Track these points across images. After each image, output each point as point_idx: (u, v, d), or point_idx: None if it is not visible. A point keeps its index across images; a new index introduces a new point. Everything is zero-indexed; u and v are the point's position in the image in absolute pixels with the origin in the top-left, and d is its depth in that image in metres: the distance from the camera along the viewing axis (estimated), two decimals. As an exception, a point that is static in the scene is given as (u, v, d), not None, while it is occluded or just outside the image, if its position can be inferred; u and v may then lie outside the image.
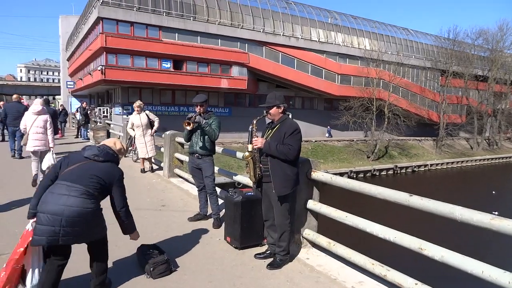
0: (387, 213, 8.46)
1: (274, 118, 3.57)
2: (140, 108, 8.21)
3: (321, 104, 35.36)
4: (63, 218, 2.54)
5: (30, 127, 6.59)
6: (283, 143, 3.38)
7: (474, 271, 2.31)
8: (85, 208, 2.62)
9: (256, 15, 29.16)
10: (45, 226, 2.54)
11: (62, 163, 2.88)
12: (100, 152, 2.90)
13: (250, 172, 3.59)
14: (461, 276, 2.87)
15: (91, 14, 25.86)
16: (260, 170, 3.55)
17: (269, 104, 3.54)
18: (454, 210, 2.42)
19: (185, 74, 26.46)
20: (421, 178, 29.09)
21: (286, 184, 3.42)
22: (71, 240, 2.63)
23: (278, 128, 3.50)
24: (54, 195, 2.62)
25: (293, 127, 3.45)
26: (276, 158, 3.40)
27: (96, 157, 2.86)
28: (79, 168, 2.78)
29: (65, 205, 2.57)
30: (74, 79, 37.63)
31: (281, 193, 3.42)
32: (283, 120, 3.54)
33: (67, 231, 2.56)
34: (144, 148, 8.17)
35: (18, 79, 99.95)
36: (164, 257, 3.37)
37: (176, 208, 5.65)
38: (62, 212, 2.54)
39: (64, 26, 42.85)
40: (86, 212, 2.63)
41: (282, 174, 3.41)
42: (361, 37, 34.70)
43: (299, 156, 3.54)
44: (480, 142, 39.52)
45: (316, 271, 3.48)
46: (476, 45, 39.62)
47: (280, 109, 3.54)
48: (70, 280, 3.11)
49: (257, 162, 3.54)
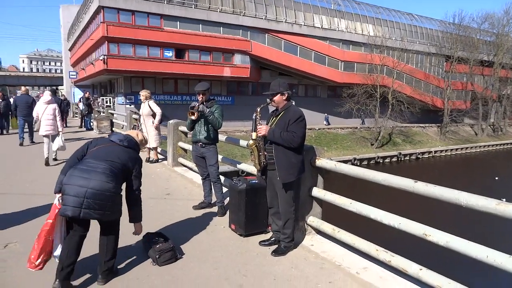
0: (388, 201, 8.46)
1: (278, 105, 3.55)
2: (144, 97, 8.20)
3: (325, 91, 35.14)
4: (88, 189, 2.74)
5: (42, 114, 7.81)
6: (287, 130, 3.37)
7: (479, 256, 2.31)
8: (108, 183, 2.82)
9: (258, 2, 28.80)
10: (71, 196, 2.75)
11: (90, 145, 3.13)
12: (125, 139, 3.18)
13: (255, 160, 3.58)
14: (465, 261, 2.87)
15: (92, 3, 25.63)
16: (264, 157, 3.54)
17: (273, 91, 3.52)
18: (460, 196, 2.41)
19: (187, 62, 26.33)
20: (425, 165, 29.03)
21: (291, 171, 3.42)
22: (91, 214, 2.78)
23: (282, 115, 3.48)
24: (81, 170, 2.85)
25: (297, 114, 3.43)
26: (281, 146, 3.38)
27: (121, 142, 3.13)
28: (105, 149, 3.06)
29: (90, 178, 2.77)
30: (77, 69, 37.55)
31: (286, 180, 3.42)
32: (287, 107, 3.52)
33: (89, 203, 2.74)
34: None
35: (21, 70, 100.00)
36: (170, 245, 3.40)
37: (181, 196, 5.68)
38: (87, 184, 2.75)
39: (65, 16, 42.54)
40: (108, 188, 2.82)
41: (287, 161, 3.40)
42: (365, 23, 34.25)
43: (304, 143, 3.52)
44: (485, 128, 39.24)
45: (320, 258, 3.50)
46: (481, 30, 39.00)
47: (284, 96, 3.52)
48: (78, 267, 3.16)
49: (262, 149, 3.53)
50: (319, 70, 31.53)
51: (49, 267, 2.96)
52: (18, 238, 3.87)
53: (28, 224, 4.28)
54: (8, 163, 8.24)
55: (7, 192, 5.68)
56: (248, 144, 3.58)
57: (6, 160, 8.67)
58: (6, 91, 58.93)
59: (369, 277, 3.12)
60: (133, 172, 3.10)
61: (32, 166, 7.81)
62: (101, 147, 3.07)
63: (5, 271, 3.17)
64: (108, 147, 3.09)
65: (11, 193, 5.63)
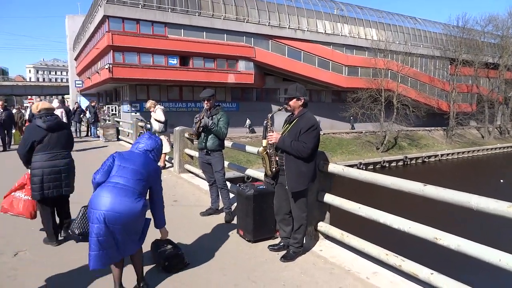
0: (393, 205, 8.40)
1: (293, 110, 3.48)
2: (153, 107, 8.36)
3: (329, 96, 35.14)
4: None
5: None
6: (298, 140, 3.31)
7: (491, 260, 2.29)
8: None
9: (262, 9, 28.98)
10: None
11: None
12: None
13: (266, 167, 3.56)
14: (477, 265, 2.84)
15: (97, 13, 25.96)
16: (276, 163, 3.50)
17: (289, 95, 3.45)
18: (470, 199, 2.40)
19: (191, 70, 26.49)
20: (431, 169, 28.81)
21: (300, 180, 3.36)
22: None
23: (296, 122, 3.42)
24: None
25: (310, 123, 3.33)
26: (291, 155, 3.34)
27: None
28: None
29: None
30: (82, 78, 37.92)
31: (295, 189, 3.39)
32: (302, 114, 3.44)
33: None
34: None
35: (27, 79, 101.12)
36: (178, 251, 3.40)
37: (188, 203, 5.69)
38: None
39: (70, 26, 43.09)
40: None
41: (297, 170, 3.35)
42: (368, 28, 34.30)
43: (316, 153, 3.45)
44: (491, 131, 38.93)
45: (330, 263, 3.48)
46: (486, 32, 38.91)
47: (301, 101, 3.44)
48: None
49: (272, 156, 3.50)
50: (323, 75, 31.56)
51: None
52: (27, 246, 3.89)
53: (41, 233, 4.30)
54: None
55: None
56: (258, 151, 3.57)
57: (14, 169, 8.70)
58: (13, 101, 59.60)
59: (379, 282, 3.09)
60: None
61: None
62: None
63: (16, 279, 3.19)
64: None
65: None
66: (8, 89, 60.89)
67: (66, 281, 3.15)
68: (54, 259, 3.59)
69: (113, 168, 2.84)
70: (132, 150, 3.06)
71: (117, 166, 2.84)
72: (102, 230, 2.62)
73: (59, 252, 3.78)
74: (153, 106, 8.38)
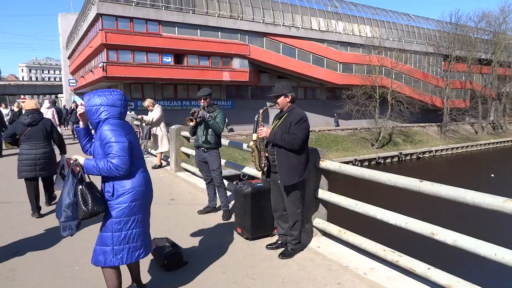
0: (389, 201, 8.48)
1: (282, 107, 3.57)
2: (151, 105, 8.53)
3: (324, 93, 35.22)
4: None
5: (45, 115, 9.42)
6: (289, 132, 3.38)
7: (487, 254, 2.33)
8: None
9: (256, 6, 28.92)
10: None
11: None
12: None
13: (255, 162, 3.61)
14: (473, 259, 2.89)
15: (90, 11, 25.74)
16: (266, 159, 3.57)
17: (276, 93, 3.53)
18: (466, 194, 2.43)
19: (186, 68, 26.39)
20: (426, 165, 29.02)
21: (292, 174, 3.42)
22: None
23: (285, 117, 3.50)
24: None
25: (299, 116, 3.43)
26: (283, 148, 3.39)
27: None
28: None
29: None
30: (76, 77, 37.63)
31: (287, 183, 3.43)
32: (290, 109, 3.53)
33: None
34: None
35: (20, 78, 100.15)
36: (177, 250, 3.42)
37: (185, 201, 5.69)
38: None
39: (63, 24, 42.74)
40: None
41: (288, 164, 3.41)
42: (362, 25, 34.37)
43: (306, 145, 3.52)
44: (485, 126, 39.27)
45: (327, 259, 3.51)
46: (479, 28, 39.14)
47: (288, 98, 3.53)
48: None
49: (262, 151, 3.56)
50: (317, 72, 31.61)
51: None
52: (25, 246, 3.88)
53: (39, 233, 4.30)
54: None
55: (15, 201, 5.70)
56: (248, 145, 3.60)
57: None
58: (6, 101, 58.99)
59: (377, 277, 3.13)
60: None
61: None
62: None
63: (14, 279, 3.18)
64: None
65: (15, 201, 5.64)
66: (0, 89, 60.32)
67: (62, 281, 3.15)
68: (51, 259, 3.58)
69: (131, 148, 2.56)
70: (119, 121, 2.63)
71: (134, 145, 2.62)
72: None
73: (57, 252, 3.77)
74: (152, 105, 8.49)
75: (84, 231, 4.32)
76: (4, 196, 6.06)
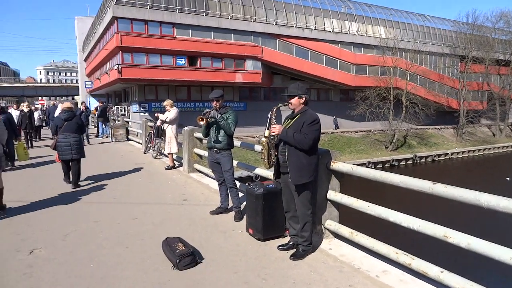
0: (400, 203, 8.37)
1: (294, 108, 3.58)
2: (170, 106, 8.72)
3: (337, 95, 35.00)
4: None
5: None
6: (300, 132, 3.41)
7: (502, 258, 2.29)
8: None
9: (269, 8, 28.98)
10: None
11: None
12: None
13: (265, 158, 3.64)
14: (487, 263, 2.84)
15: (106, 14, 26.21)
16: (275, 157, 3.60)
17: (290, 93, 3.55)
18: (480, 197, 2.39)
19: (199, 70, 26.60)
20: (441, 167, 28.52)
21: (302, 173, 3.44)
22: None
23: (298, 118, 3.52)
24: None
25: (312, 118, 3.45)
26: (293, 147, 3.42)
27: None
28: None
29: None
30: (92, 79, 38.34)
31: (297, 182, 3.45)
32: (303, 111, 3.54)
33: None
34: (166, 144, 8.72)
35: (38, 81, 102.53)
36: (190, 249, 3.46)
37: (198, 202, 5.74)
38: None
39: (80, 27, 43.65)
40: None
41: (298, 163, 3.44)
42: (376, 26, 34.06)
43: (317, 146, 3.54)
44: (503, 129, 38.37)
45: (339, 261, 3.50)
46: (496, 29, 38.31)
47: (302, 99, 3.55)
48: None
49: (273, 148, 3.59)
50: (331, 73, 31.44)
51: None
52: (42, 244, 3.98)
53: (55, 231, 4.40)
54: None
55: (31, 200, 5.84)
56: (260, 141, 3.63)
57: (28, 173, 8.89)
58: (25, 101, 60.39)
59: (389, 280, 3.10)
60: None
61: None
62: None
63: (31, 276, 3.27)
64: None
65: (33, 200, 5.78)
66: (19, 91, 61.92)
67: (78, 280, 3.22)
68: (67, 256, 3.67)
69: None
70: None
71: None
72: None
73: (73, 250, 3.85)
74: (170, 106, 8.71)
75: (98, 231, 4.42)
76: (21, 197, 6.20)
